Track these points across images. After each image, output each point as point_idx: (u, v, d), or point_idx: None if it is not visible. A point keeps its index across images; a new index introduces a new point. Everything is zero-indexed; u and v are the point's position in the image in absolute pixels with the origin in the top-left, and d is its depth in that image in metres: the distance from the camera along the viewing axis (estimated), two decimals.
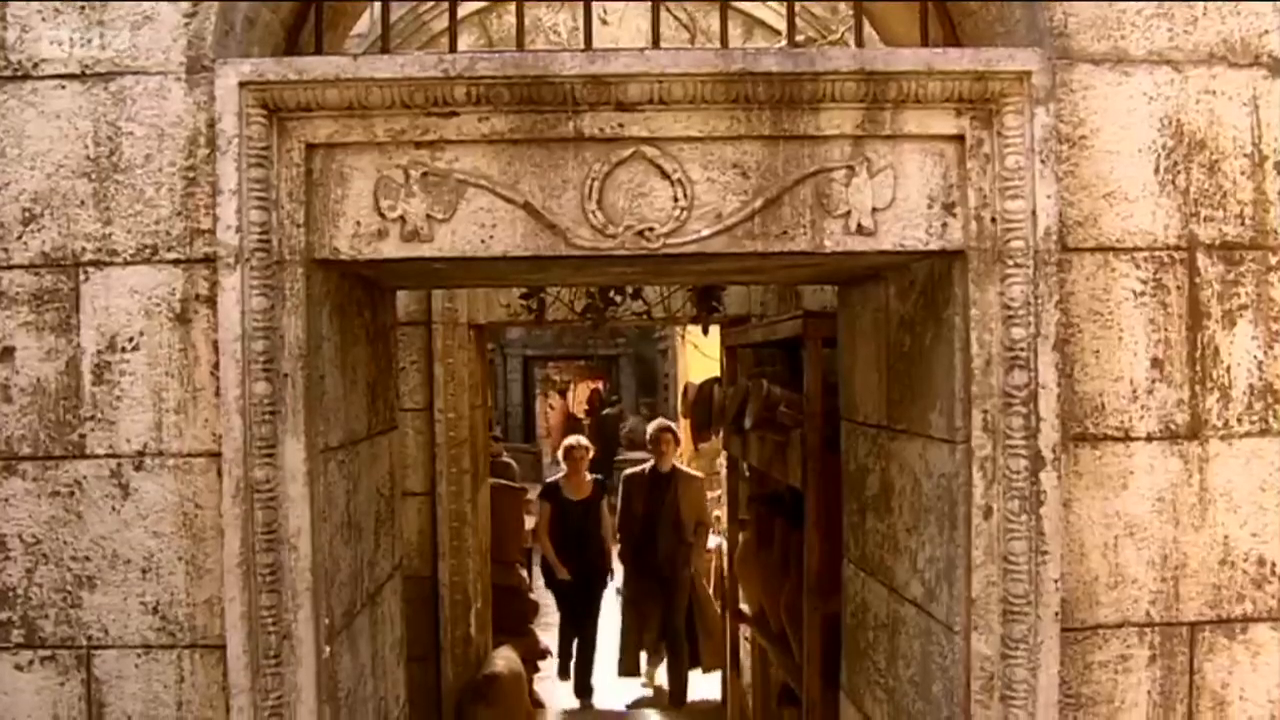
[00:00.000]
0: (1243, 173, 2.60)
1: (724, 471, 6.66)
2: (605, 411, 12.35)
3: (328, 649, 2.56)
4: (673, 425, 8.63)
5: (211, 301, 2.50)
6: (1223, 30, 2.60)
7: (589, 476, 8.48)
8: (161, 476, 2.53)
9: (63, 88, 2.50)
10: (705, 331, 5.06)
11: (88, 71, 2.50)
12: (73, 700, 2.55)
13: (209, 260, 2.50)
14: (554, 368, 17.20)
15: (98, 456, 2.53)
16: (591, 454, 8.64)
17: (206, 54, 2.49)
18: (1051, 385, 2.48)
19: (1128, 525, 2.59)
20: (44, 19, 2.50)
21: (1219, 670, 2.62)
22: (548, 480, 8.86)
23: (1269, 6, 2.61)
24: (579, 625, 8.45)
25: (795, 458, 3.85)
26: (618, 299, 4.55)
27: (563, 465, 8.54)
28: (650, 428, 8.67)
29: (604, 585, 8.60)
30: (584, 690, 8.44)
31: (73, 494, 2.53)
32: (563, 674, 8.53)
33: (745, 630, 6.01)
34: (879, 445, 3.13)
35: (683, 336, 10.05)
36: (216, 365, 2.49)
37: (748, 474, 5.75)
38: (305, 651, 2.51)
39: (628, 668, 8.42)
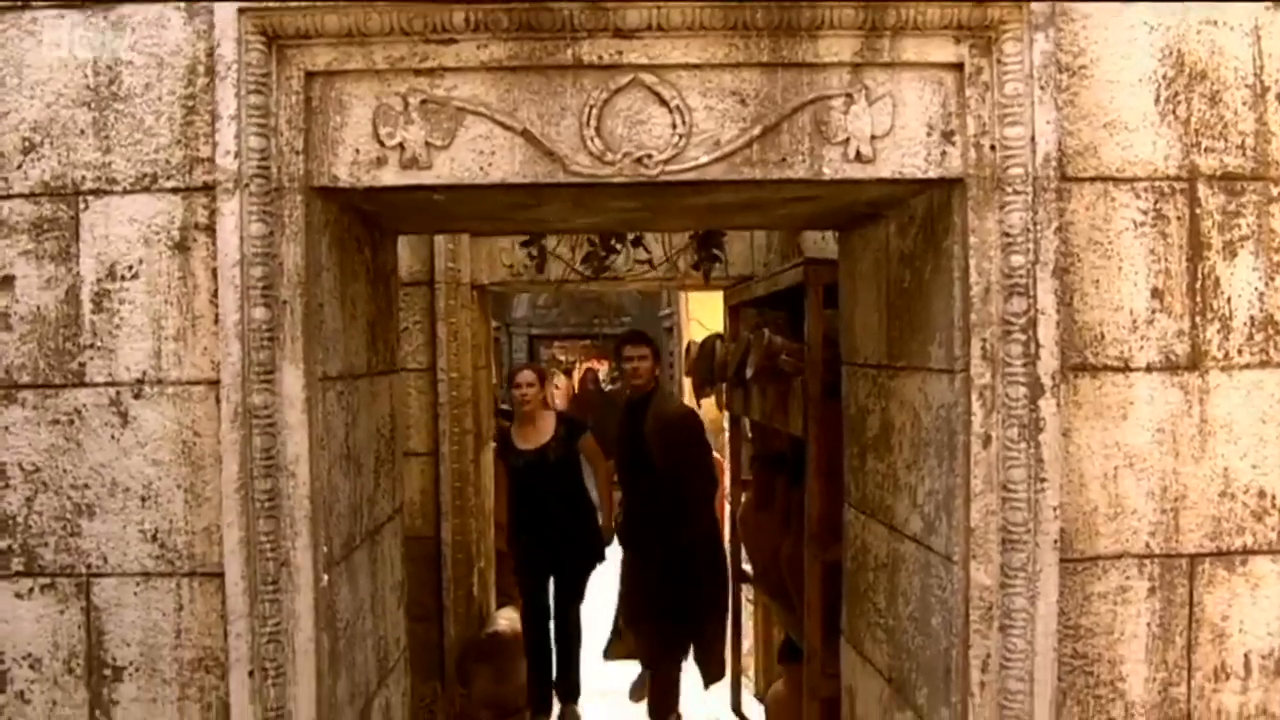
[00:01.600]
0: (1244, 103, 2.59)
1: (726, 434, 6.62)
2: (607, 389, 12.27)
3: (326, 577, 2.56)
4: (647, 334, 6.44)
5: (210, 230, 2.50)
6: None
7: (549, 415, 6.23)
8: (160, 404, 2.53)
9: (62, 17, 2.50)
10: (706, 279, 5.01)
11: (87, 1, 2.50)
12: (72, 628, 2.56)
13: (208, 188, 2.50)
14: (559, 347, 17.19)
15: (97, 385, 2.53)
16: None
17: None
18: (1050, 312, 2.47)
19: (1127, 456, 2.58)
20: None
21: (1219, 603, 2.62)
22: (501, 437, 6.47)
23: None
24: (538, 621, 6.16)
25: (796, 406, 3.84)
26: (618, 246, 4.54)
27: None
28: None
29: (587, 563, 6.25)
30: (541, 706, 6.22)
31: (72, 422, 2.54)
32: (530, 703, 6.14)
33: (748, 593, 6.02)
34: (879, 385, 3.12)
35: (688, 315, 10.03)
36: (215, 293, 2.49)
37: (750, 435, 5.76)
38: (303, 579, 2.51)
39: (612, 650, 6.53)
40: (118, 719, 2.56)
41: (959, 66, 2.50)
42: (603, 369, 15.13)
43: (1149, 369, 2.58)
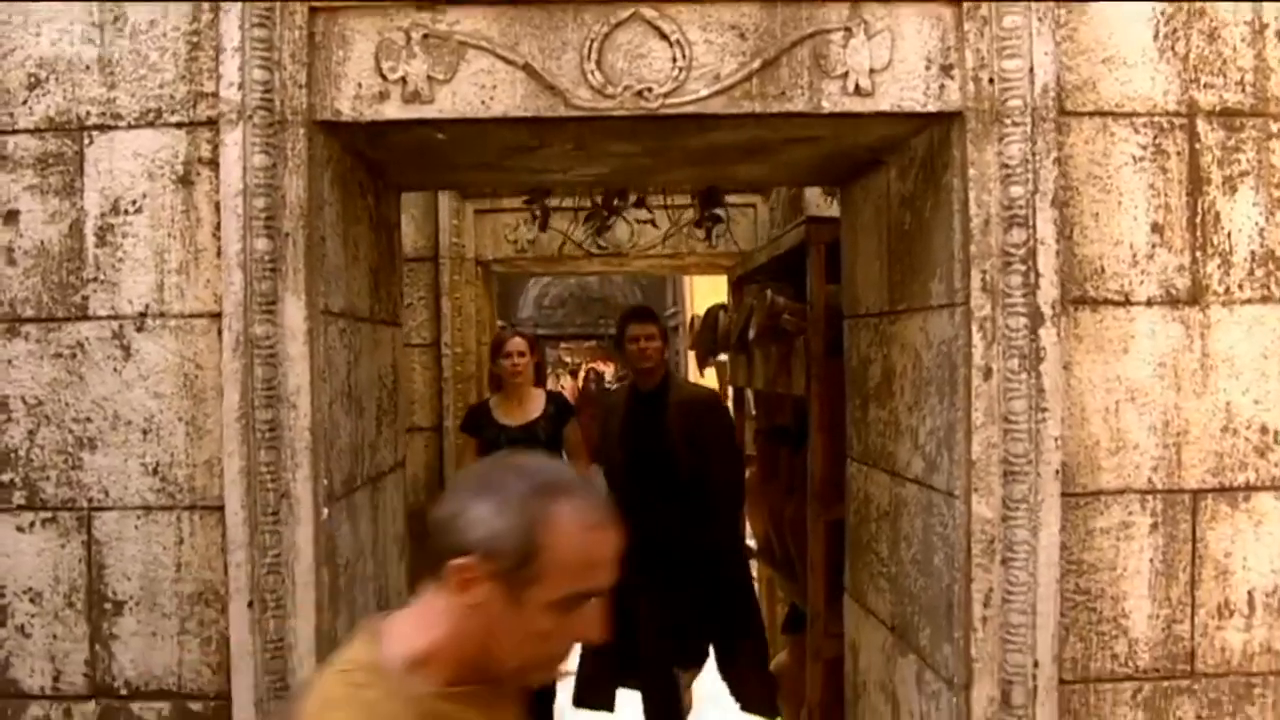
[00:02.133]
0: (1243, 40, 2.60)
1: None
2: (613, 387, 12.20)
3: (326, 511, 2.56)
4: (654, 310, 5.58)
5: (214, 164, 2.51)
6: None
7: (538, 393, 5.41)
8: (163, 337, 2.54)
9: None
10: (709, 237, 4.96)
11: None
12: (73, 562, 2.56)
13: (211, 123, 2.51)
14: (565, 348, 17.19)
15: (100, 318, 2.55)
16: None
17: None
18: (1050, 242, 2.47)
19: (1129, 390, 2.58)
20: None
21: (1221, 539, 2.61)
22: (470, 408, 5.49)
23: None
24: None
25: (799, 366, 3.85)
26: (619, 204, 4.55)
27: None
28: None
29: None
30: None
31: (75, 356, 2.55)
32: None
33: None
34: (880, 333, 3.12)
35: (693, 311, 10.04)
36: (218, 227, 2.51)
37: (753, 412, 5.75)
38: (304, 511, 2.51)
39: (584, 697, 5.14)
40: (117, 652, 2.56)
41: (957, 1, 2.51)
42: (609, 370, 15.14)
43: (1149, 303, 2.58)
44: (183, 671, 2.56)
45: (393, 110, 2.53)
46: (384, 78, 2.52)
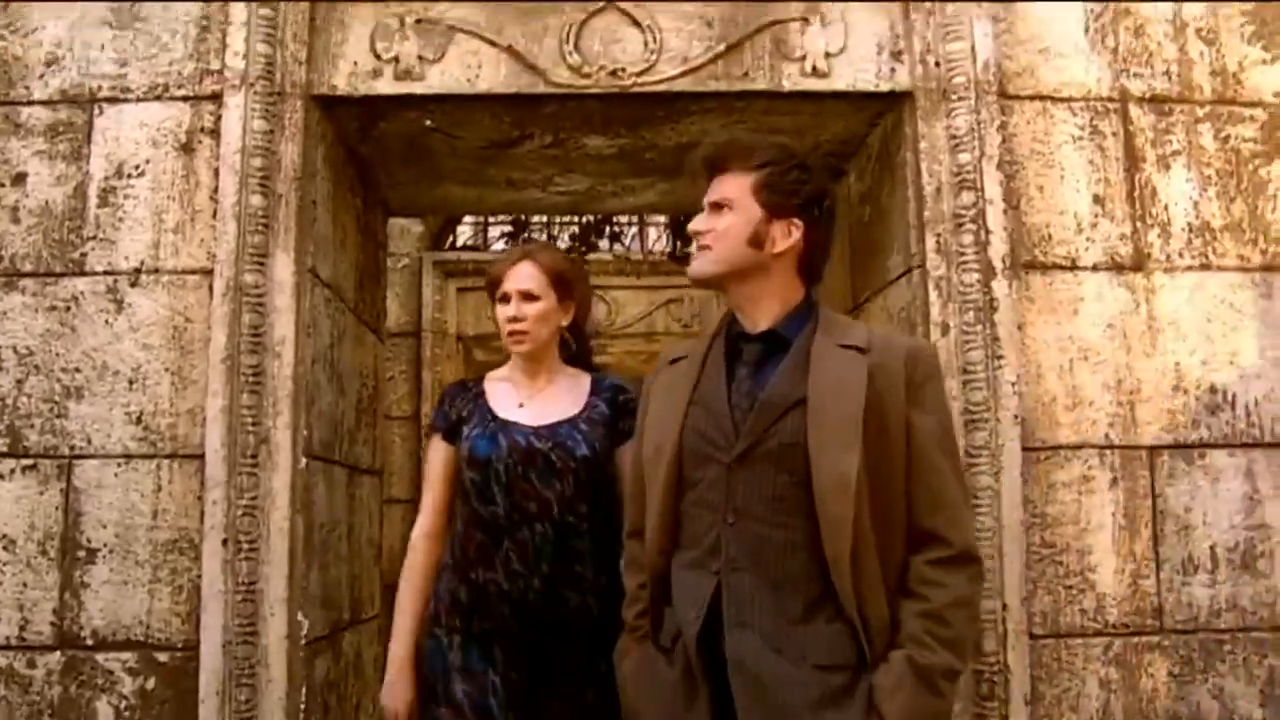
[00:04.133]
0: (1166, 35, 2.84)
1: None
2: None
3: (305, 461, 2.61)
4: None
5: (215, 133, 2.68)
6: None
7: (573, 374, 2.54)
8: (155, 292, 2.65)
9: None
10: (676, 258, 5.02)
11: None
12: (49, 509, 2.58)
13: (215, 97, 2.70)
14: None
15: (96, 273, 2.66)
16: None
17: None
18: (998, 201, 2.64)
19: (1081, 349, 2.69)
20: None
21: (1180, 495, 2.67)
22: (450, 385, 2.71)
23: None
24: None
25: None
26: (594, 239, 4.70)
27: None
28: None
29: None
30: None
31: (69, 309, 2.65)
32: None
33: None
34: None
35: None
36: (216, 190, 2.66)
37: None
38: (283, 458, 2.57)
39: None
40: (87, 601, 2.55)
41: None
42: None
43: (1095, 268, 2.73)
44: (151, 621, 2.55)
45: (385, 86, 2.73)
46: (378, 57, 2.73)
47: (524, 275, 2.44)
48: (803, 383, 1.79)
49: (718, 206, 1.89)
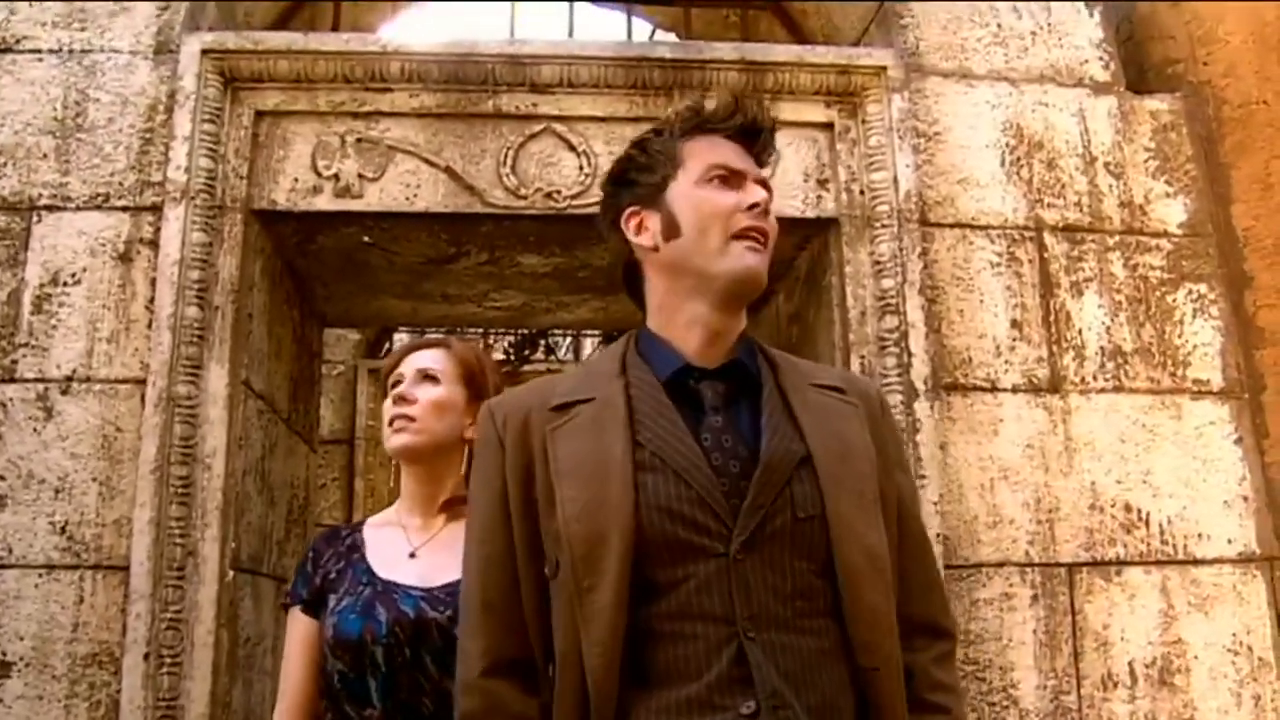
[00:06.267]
0: (1077, 169, 3.00)
1: None
2: None
3: (232, 574, 2.59)
4: None
5: (154, 244, 2.71)
6: (1050, 57, 3.07)
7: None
8: (86, 400, 2.64)
9: (40, 60, 2.83)
10: None
11: (64, 48, 2.83)
12: None
13: (155, 208, 2.74)
14: None
15: (26, 380, 2.64)
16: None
17: (174, 39, 2.84)
18: (920, 325, 2.74)
19: (1001, 469, 2.77)
20: (30, 3, 2.85)
21: (1099, 612, 2.73)
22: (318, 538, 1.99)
23: (1086, 41, 3.10)
24: None
25: None
26: (528, 353, 4.74)
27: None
28: None
29: None
30: None
31: None
32: None
33: None
34: None
35: None
36: (152, 300, 2.67)
37: None
38: (209, 571, 2.54)
39: None
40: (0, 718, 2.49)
41: (830, 126, 2.90)
42: None
43: (1014, 390, 2.82)
44: None
45: (324, 202, 2.79)
46: (319, 174, 2.79)
47: (426, 357, 1.95)
48: (797, 436, 1.37)
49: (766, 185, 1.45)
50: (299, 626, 1.86)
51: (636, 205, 1.44)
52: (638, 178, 1.45)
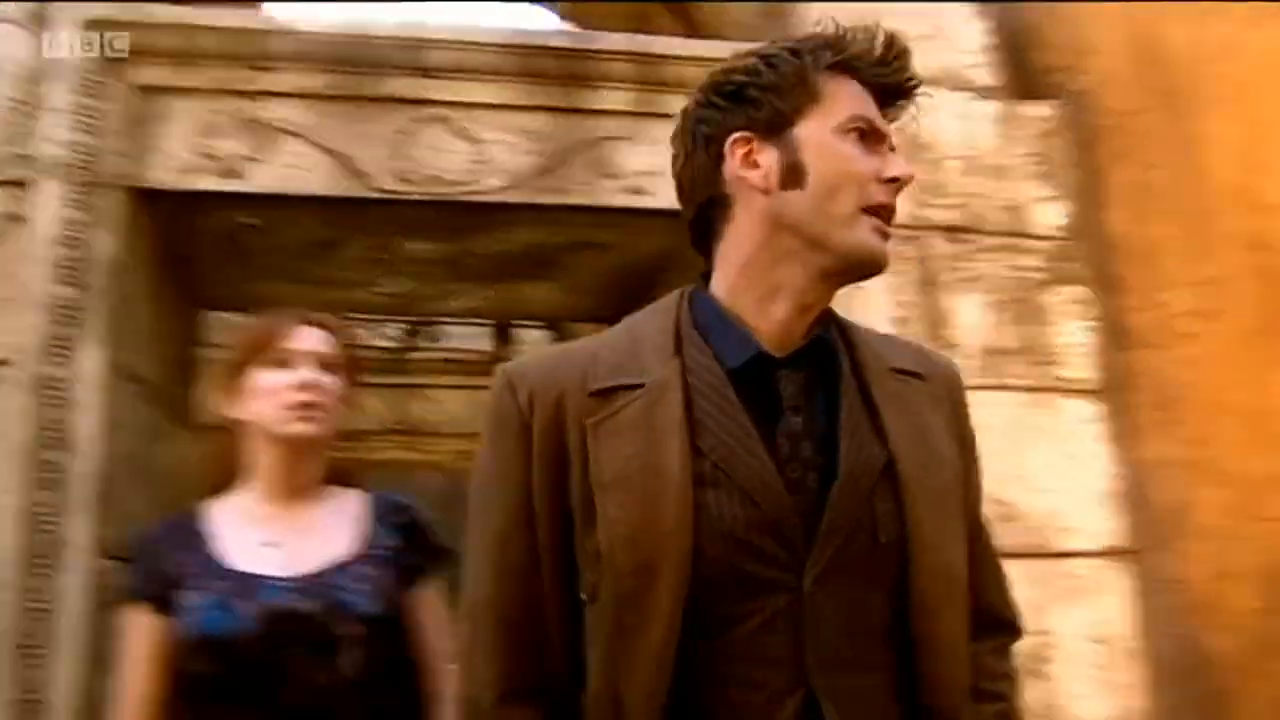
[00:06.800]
0: (959, 171, 3.07)
1: None
2: None
3: (104, 561, 2.52)
4: None
5: (25, 220, 2.61)
6: (940, 61, 3.13)
7: (344, 495, 1.84)
8: None
9: None
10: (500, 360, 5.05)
11: None
12: None
13: (28, 183, 2.63)
14: None
15: None
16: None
17: (53, 8, 2.73)
18: None
19: None
20: None
21: None
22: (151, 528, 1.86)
23: (973, 47, 3.18)
24: None
25: None
26: (419, 344, 4.70)
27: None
28: None
29: None
30: None
31: None
32: None
33: None
34: None
35: None
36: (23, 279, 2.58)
37: None
38: (79, 559, 2.47)
39: None
40: None
41: None
42: None
43: None
44: None
45: (208, 183, 2.73)
46: (202, 154, 2.73)
47: (319, 339, 1.81)
48: (877, 438, 1.15)
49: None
50: (143, 625, 1.70)
51: (750, 132, 1.17)
52: (760, 97, 1.17)
